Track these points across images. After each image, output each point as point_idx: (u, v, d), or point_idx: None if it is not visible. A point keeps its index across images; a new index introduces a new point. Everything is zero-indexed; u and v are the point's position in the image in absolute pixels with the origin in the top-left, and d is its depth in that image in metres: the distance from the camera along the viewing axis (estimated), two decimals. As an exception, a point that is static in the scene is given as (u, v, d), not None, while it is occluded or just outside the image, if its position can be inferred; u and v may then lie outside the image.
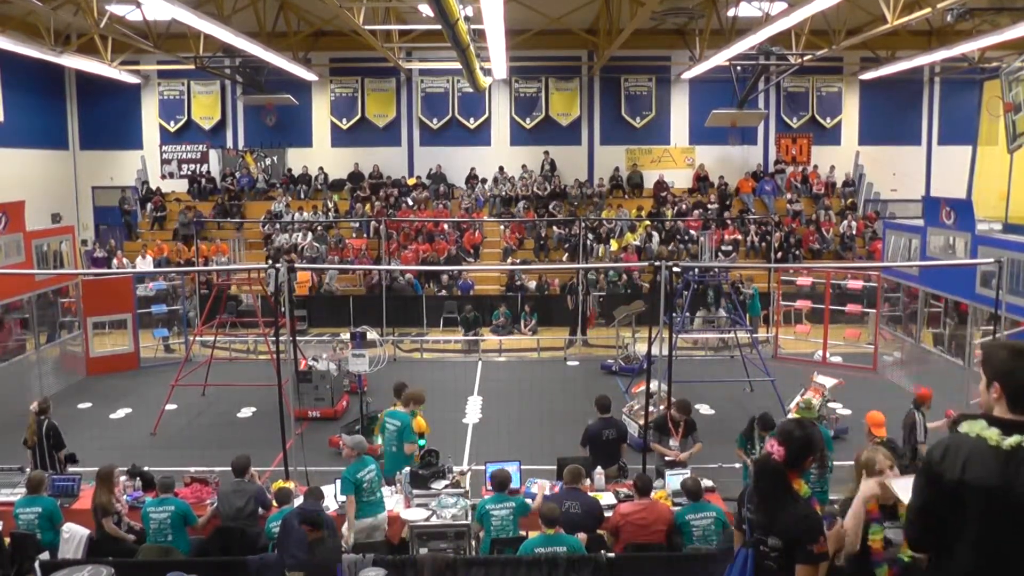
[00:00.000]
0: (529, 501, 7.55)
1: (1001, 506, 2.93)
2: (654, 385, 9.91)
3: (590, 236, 22.18)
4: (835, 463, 8.56)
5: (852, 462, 7.98)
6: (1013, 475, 2.91)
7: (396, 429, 8.79)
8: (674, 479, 8.17)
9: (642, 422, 10.92)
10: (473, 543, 7.54)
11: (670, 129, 25.53)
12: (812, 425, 4.22)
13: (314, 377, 13.54)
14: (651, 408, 9.51)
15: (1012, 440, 2.94)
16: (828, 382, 11.89)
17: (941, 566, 3.22)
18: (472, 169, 25.04)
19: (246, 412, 13.81)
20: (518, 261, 22.53)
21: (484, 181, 24.92)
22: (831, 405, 11.79)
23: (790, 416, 10.01)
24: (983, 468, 2.97)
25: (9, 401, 13.33)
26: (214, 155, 25.68)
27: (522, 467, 8.53)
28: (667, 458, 9.13)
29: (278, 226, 23.42)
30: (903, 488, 3.75)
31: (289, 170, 25.43)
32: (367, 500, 7.51)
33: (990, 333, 10.78)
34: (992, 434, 2.99)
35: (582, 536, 6.92)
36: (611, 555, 6.69)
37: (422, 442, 9.00)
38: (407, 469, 8.33)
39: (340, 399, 13.93)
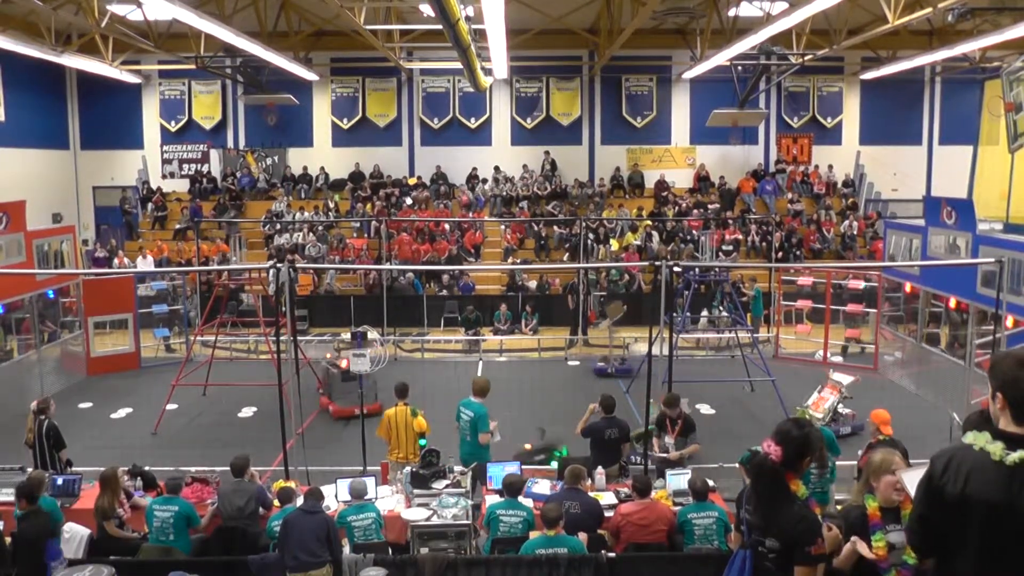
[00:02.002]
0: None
1: (1003, 522, 2.88)
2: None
3: (591, 236, 22.17)
4: (840, 463, 8.56)
5: (854, 462, 8.01)
6: (1017, 492, 2.85)
7: (470, 419, 8.98)
8: (675, 479, 8.18)
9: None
10: (474, 542, 7.54)
11: (671, 129, 25.52)
12: (809, 424, 4.18)
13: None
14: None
15: (1016, 456, 2.88)
16: (845, 379, 11.91)
17: (943, 573, 3.20)
18: (474, 169, 25.03)
19: (247, 412, 13.82)
20: (519, 261, 22.52)
21: (484, 181, 24.92)
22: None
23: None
24: (985, 483, 2.91)
25: (10, 401, 13.34)
26: (215, 155, 25.68)
27: (523, 467, 8.53)
28: (658, 454, 9.12)
29: (279, 226, 23.41)
30: (913, 481, 3.72)
31: (288, 168, 25.41)
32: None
33: (990, 333, 10.78)
34: (996, 448, 2.93)
35: (583, 536, 6.92)
36: (611, 555, 6.69)
37: (423, 442, 9.01)
38: (408, 469, 8.34)
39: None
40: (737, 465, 9.42)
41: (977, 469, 2.95)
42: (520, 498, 7.53)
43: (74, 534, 7.38)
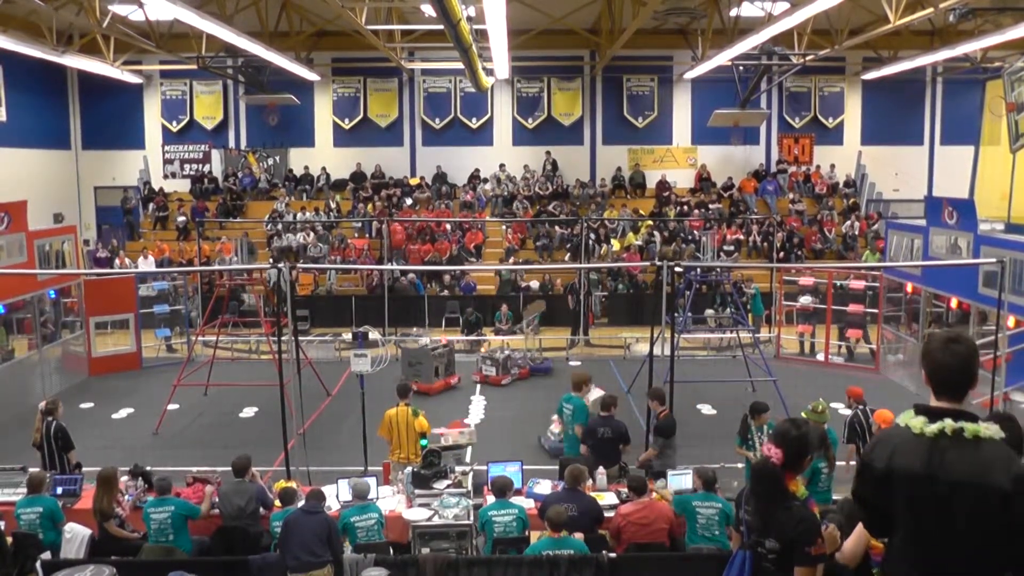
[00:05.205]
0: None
1: (926, 493, 2.99)
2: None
3: (591, 236, 22.16)
4: (839, 463, 8.57)
5: (852, 462, 7.99)
6: (937, 462, 2.97)
7: (571, 412, 9.25)
8: (677, 479, 8.17)
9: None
10: (475, 543, 7.54)
11: (672, 129, 25.52)
12: (806, 423, 4.22)
13: None
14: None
15: (935, 427, 3.01)
16: (594, 394, 11.89)
17: (888, 550, 3.34)
18: (476, 170, 25.03)
19: (248, 412, 13.82)
20: (520, 261, 22.52)
21: (485, 181, 24.92)
22: (833, 406, 11.75)
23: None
24: (908, 456, 3.05)
25: (11, 401, 13.37)
26: (216, 155, 25.68)
27: (524, 467, 8.53)
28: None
29: (280, 226, 23.41)
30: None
31: (289, 168, 25.43)
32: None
33: (991, 333, 10.79)
34: (918, 423, 3.06)
35: (579, 536, 6.92)
36: (612, 555, 6.70)
37: (424, 442, 9.02)
38: (409, 469, 8.35)
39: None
40: (740, 459, 9.45)
41: (901, 443, 3.10)
42: (517, 498, 7.53)
43: (75, 534, 7.38)
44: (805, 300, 17.37)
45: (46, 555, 7.02)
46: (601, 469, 8.41)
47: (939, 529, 3.00)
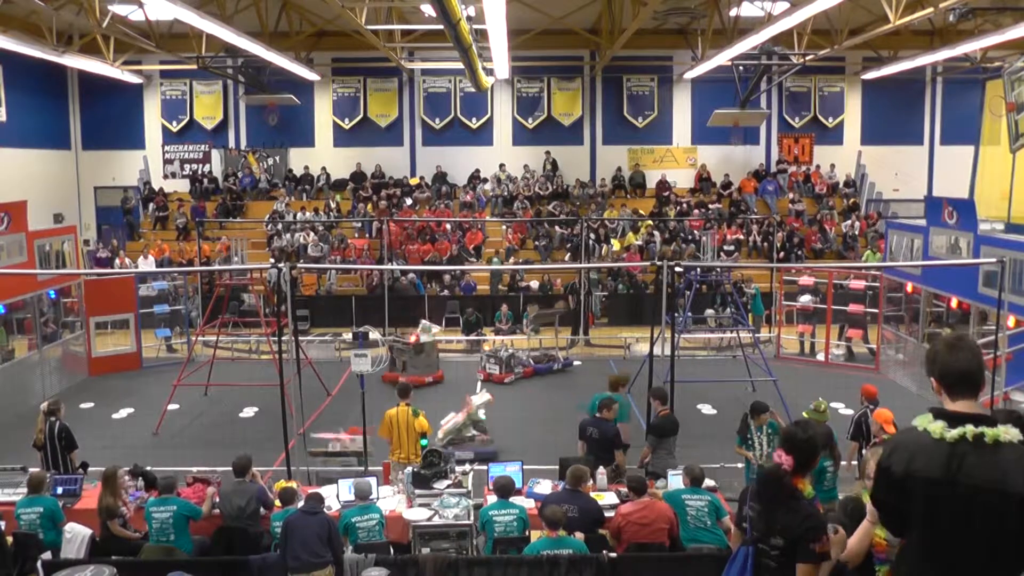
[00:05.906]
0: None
1: (945, 497, 3.02)
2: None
3: (592, 236, 22.15)
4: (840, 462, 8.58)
5: (853, 461, 7.98)
6: (956, 467, 2.99)
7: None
8: (677, 478, 8.17)
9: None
10: (476, 543, 7.54)
11: (672, 129, 25.52)
12: (812, 426, 4.28)
13: None
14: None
15: (955, 433, 3.02)
16: (479, 399, 11.90)
17: (903, 550, 3.37)
18: (476, 170, 25.03)
19: (248, 412, 13.82)
20: (520, 261, 22.53)
21: (485, 181, 24.92)
22: (833, 406, 11.76)
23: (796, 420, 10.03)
24: (927, 461, 3.06)
25: (11, 401, 13.36)
26: (216, 155, 25.68)
27: (524, 467, 8.53)
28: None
29: (280, 226, 23.40)
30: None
31: (291, 171, 25.43)
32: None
33: (991, 332, 10.79)
34: (937, 427, 3.07)
35: (579, 536, 6.92)
36: (613, 555, 6.70)
37: (424, 442, 9.02)
38: (409, 469, 8.35)
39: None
40: (740, 459, 9.45)
41: (920, 448, 3.10)
42: (517, 498, 7.53)
43: (76, 534, 7.38)
44: (805, 300, 17.39)
45: (46, 555, 7.02)
46: (601, 469, 8.41)
47: (957, 532, 3.02)
